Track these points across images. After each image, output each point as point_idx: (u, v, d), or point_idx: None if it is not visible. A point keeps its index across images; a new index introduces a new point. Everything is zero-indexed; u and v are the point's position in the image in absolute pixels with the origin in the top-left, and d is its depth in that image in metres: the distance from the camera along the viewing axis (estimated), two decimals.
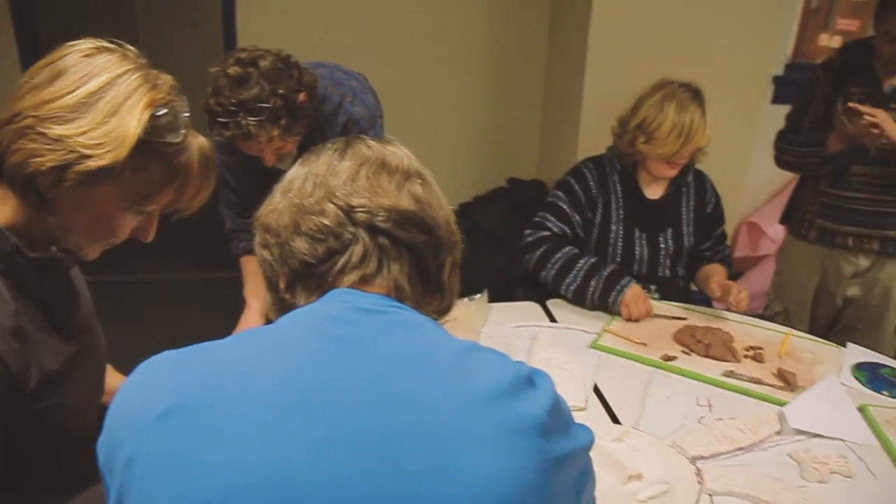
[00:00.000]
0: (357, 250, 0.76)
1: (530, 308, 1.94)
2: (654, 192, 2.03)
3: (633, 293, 1.85)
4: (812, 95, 2.19)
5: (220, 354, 0.70)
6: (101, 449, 0.68)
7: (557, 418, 0.68)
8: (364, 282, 0.76)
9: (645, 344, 1.75)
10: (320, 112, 1.72)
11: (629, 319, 1.85)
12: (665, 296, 2.03)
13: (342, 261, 0.76)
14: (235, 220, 1.92)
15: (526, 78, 3.17)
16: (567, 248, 1.93)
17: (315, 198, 0.77)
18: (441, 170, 0.86)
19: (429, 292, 0.82)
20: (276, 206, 0.80)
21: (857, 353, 1.82)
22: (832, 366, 1.74)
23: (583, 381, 1.57)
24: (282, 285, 0.80)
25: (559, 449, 0.66)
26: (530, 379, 0.69)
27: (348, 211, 0.76)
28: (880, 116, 1.94)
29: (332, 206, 0.76)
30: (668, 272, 2.06)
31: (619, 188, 2.02)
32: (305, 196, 0.78)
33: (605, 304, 1.87)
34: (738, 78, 2.72)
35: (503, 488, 0.60)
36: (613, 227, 2.01)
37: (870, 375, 1.72)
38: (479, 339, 1.74)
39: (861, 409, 1.56)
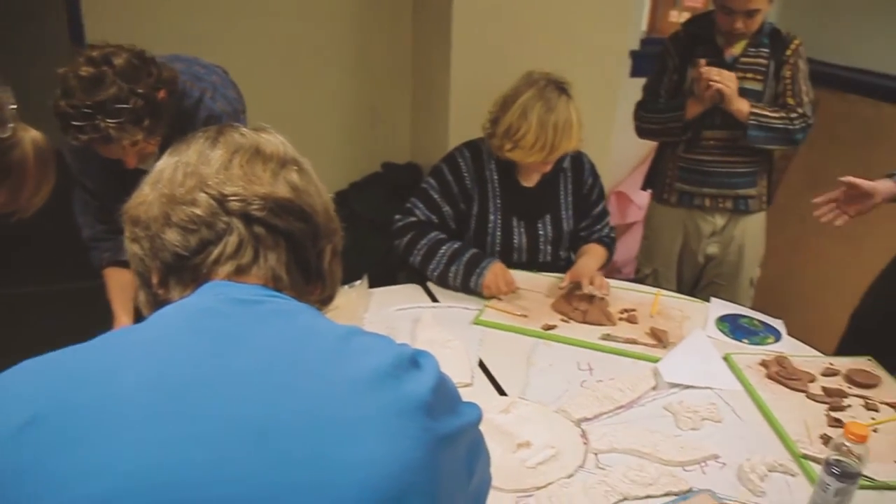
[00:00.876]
0: (232, 240, 0.73)
1: (411, 290, 1.93)
2: (531, 179, 2.01)
3: (491, 273, 1.84)
4: (665, 66, 2.30)
5: (84, 357, 0.65)
6: None
7: (443, 397, 0.68)
8: (240, 272, 0.74)
9: (525, 316, 1.79)
10: (180, 108, 1.63)
11: (492, 298, 1.85)
12: None
13: (216, 251, 0.73)
14: (95, 226, 1.77)
15: (393, 61, 3.15)
16: (433, 234, 1.92)
17: (186, 187, 0.74)
18: (314, 158, 0.85)
19: (309, 281, 0.80)
20: (146, 198, 0.77)
21: (719, 307, 1.95)
22: (699, 320, 1.85)
23: (467, 357, 1.59)
24: (154, 280, 0.77)
25: (446, 427, 0.66)
26: (414, 360, 0.69)
27: (221, 200, 0.73)
28: (724, 75, 2.07)
29: (204, 195, 0.73)
30: (549, 257, 2.07)
31: (495, 177, 1.99)
32: (176, 186, 0.75)
33: (467, 288, 1.87)
34: (599, 54, 2.81)
35: (389, 470, 0.60)
36: (491, 217, 1.99)
37: (732, 326, 1.84)
38: (363, 325, 1.72)
39: (726, 358, 1.67)
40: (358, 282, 1.85)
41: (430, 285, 1.95)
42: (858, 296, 2.07)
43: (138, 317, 0.80)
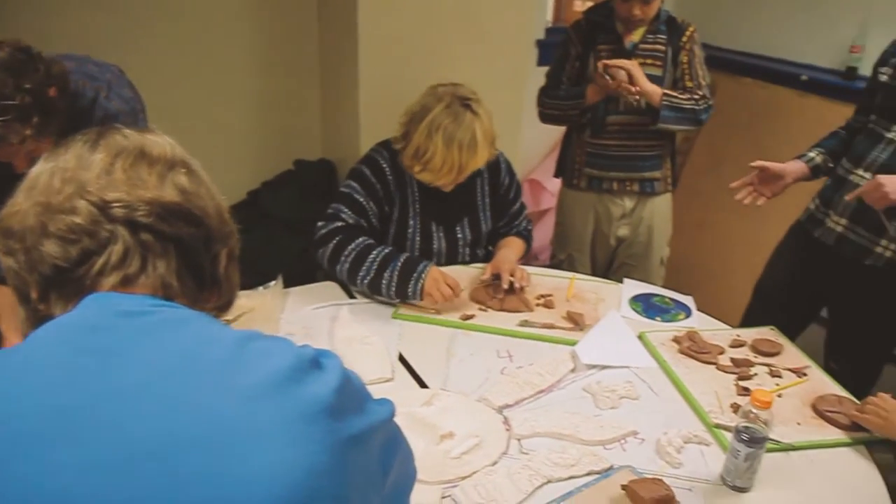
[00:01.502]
0: (116, 249, 0.69)
1: (328, 288, 1.89)
2: (447, 186, 1.92)
3: (431, 279, 1.73)
4: (567, 54, 2.34)
5: None
6: None
7: (348, 396, 0.66)
8: (126, 283, 0.69)
9: (438, 312, 1.77)
10: (74, 109, 1.54)
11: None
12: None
13: (100, 262, 0.68)
14: None
15: (300, 57, 3.08)
16: (360, 239, 1.80)
17: (64, 195, 0.69)
18: (224, 160, 0.81)
19: (204, 288, 0.76)
20: (19, 206, 0.71)
21: (632, 287, 2.00)
22: (613, 302, 1.90)
23: (387, 352, 1.58)
24: (34, 295, 0.71)
25: (352, 428, 0.64)
26: (315, 361, 0.67)
27: (103, 207, 0.69)
28: (630, 66, 2.12)
29: (84, 202, 0.68)
30: (467, 258, 2.06)
31: (414, 182, 1.92)
32: (53, 193, 0.69)
33: (404, 294, 1.74)
34: (505, 43, 2.84)
35: (293, 477, 0.58)
36: (411, 223, 1.95)
37: (645, 305, 1.89)
38: (279, 327, 1.68)
39: (640, 337, 1.72)
40: (272, 283, 1.80)
41: None
42: (760, 268, 2.17)
43: None
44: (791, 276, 2.04)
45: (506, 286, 1.81)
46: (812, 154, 1.98)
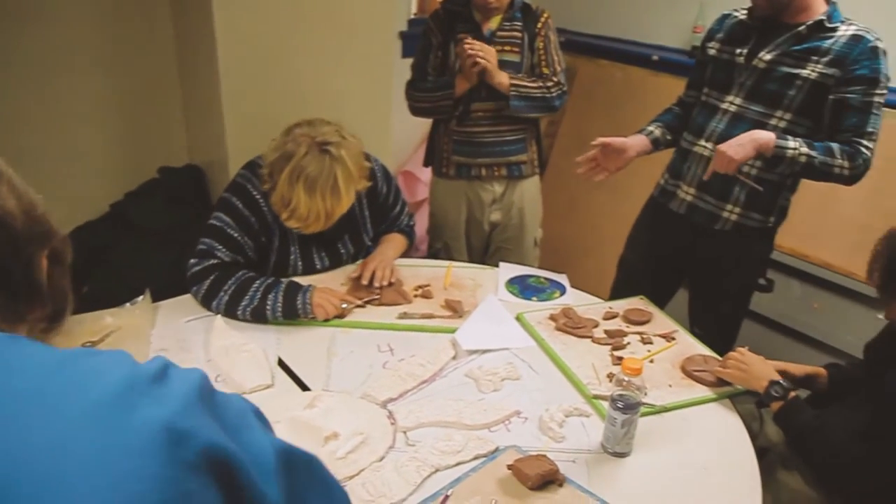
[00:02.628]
0: None
1: None
2: None
3: (320, 292, 1.71)
4: (429, 44, 2.35)
5: None
6: None
7: (201, 413, 0.57)
8: None
9: (314, 317, 1.73)
10: None
11: (327, 319, 1.71)
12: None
13: None
14: None
15: (154, 57, 2.93)
16: (240, 273, 1.73)
17: None
18: (81, 171, 0.73)
19: (19, 300, 0.66)
20: None
21: (508, 270, 2.04)
22: (490, 286, 1.93)
23: (265, 358, 1.53)
24: None
25: (204, 452, 0.54)
26: (160, 373, 0.57)
27: None
28: (486, 51, 2.16)
29: None
30: (349, 264, 2.03)
31: None
32: None
33: (292, 310, 1.67)
34: (368, 36, 2.81)
35: None
36: (292, 249, 1.88)
37: (521, 287, 1.94)
38: (150, 343, 1.59)
39: (518, 318, 1.76)
40: (140, 298, 1.71)
41: None
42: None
43: None
44: (650, 248, 2.15)
45: (364, 282, 1.81)
46: (651, 128, 2.09)
